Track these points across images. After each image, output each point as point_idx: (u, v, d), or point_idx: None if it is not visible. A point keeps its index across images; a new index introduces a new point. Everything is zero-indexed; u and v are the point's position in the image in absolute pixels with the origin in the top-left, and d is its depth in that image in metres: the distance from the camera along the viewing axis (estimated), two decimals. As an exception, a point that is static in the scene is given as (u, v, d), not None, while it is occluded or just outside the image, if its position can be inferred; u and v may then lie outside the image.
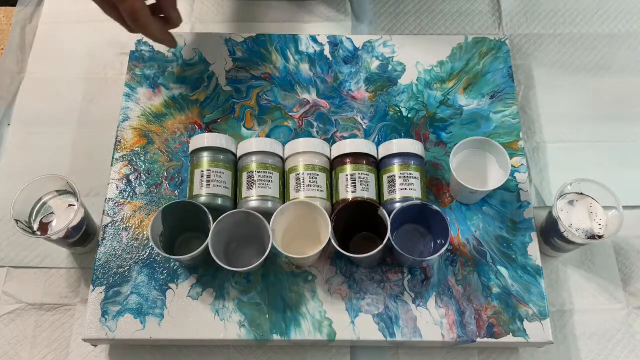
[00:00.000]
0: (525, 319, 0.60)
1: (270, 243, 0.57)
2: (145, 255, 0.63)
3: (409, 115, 0.70)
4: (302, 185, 0.62)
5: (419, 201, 0.61)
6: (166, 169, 0.67)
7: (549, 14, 0.82)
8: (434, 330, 0.60)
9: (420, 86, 0.72)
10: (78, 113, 0.75)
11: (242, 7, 0.82)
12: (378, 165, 0.64)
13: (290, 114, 0.70)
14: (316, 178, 0.62)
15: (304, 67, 0.73)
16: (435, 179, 0.67)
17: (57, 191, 0.62)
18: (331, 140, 0.68)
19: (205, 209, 0.58)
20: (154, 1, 0.65)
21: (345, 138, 0.68)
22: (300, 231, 0.61)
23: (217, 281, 0.62)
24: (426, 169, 0.66)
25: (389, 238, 0.57)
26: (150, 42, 0.73)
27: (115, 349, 0.63)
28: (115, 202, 0.65)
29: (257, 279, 0.62)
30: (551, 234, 0.63)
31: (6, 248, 0.67)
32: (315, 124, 0.70)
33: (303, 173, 0.62)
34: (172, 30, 0.66)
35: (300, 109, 0.71)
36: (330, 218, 0.58)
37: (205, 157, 0.62)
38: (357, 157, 0.63)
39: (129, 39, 0.74)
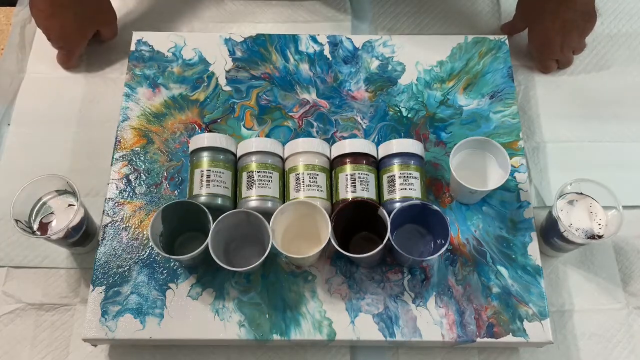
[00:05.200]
0: (525, 319, 0.60)
1: (270, 243, 0.57)
2: (145, 255, 0.63)
3: (409, 115, 0.70)
4: (302, 185, 0.62)
5: (419, 201, 0.61)
6: (166, 169, 0.67)
7: (549, 14, 0.82)
8: (434, 330, 0.60)
9: (420, 86, 0.72)
10: (78, 113, 0.75)
11: (242, 7, 0.82)
12: (378, 165, 0.64)
13: (290, 114, 0.70)
14: (316, 178, 0.62)
15: (304, 67, 0.73)
16: (435, 179, 0.67)
17: (57, 191, 0.62)
18: (331, 140, 0.68)
19: (205, 209, 0.58)
20: None
21: (345, 138, 0.68)
22: (300, 231, 0.61)
23: (217, 281, 0.62)
24: (426, 169, 0.65)
25: (389, 238, 0.57)
26: (151, 42, 0.74)
27: (115, 349, 0.63)
28: (115, 202, 0.65)
29: (257, 279, 0.62)
30: (551, 234, 0.63)
31: (6, 248, 0.67)
32: (315, 124, 0.70)
33: (303, 173, 0.62)
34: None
35: (300, 109, 0.71)
36: (330, 218, 0.58)
37: (205, 157, 0.62)
38: (357, 157, 0.63)
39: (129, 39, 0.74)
